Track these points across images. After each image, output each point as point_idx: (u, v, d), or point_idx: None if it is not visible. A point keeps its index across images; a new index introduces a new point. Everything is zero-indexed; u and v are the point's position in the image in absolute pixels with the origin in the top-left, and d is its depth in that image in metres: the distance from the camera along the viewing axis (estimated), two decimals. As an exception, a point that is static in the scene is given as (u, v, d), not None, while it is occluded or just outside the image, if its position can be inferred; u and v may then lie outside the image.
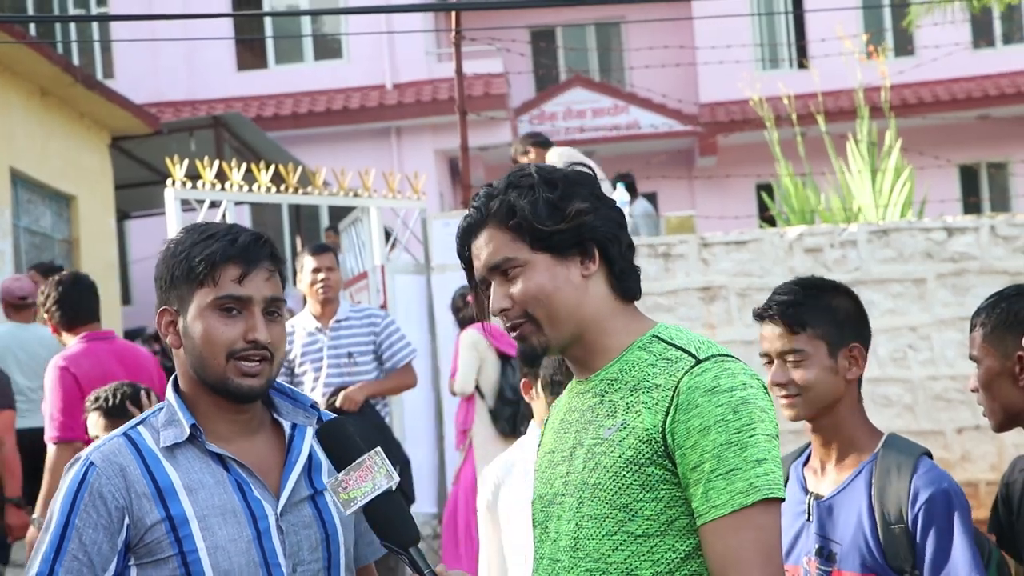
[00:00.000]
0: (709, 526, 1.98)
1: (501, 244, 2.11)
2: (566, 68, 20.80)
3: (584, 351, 2.15)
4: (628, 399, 2.07)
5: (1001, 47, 19.70)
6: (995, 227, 8.41)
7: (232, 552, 2.18)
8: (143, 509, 2.17)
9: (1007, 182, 19.55)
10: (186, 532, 2.17)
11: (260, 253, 2.25)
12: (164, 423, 2.25)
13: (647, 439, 2.02)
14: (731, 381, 2.01)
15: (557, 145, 8.89)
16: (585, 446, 2.11)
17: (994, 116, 18.75)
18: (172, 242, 2.29)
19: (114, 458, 2.20)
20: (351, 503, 2.12)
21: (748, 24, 18.73)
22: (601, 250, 2.13)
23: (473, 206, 2.16)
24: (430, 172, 16.28)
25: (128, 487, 2.18)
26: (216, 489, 2.21)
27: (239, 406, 2.26)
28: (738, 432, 1.98)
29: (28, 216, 12.40)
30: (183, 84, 18.13)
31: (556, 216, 2.10)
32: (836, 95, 15.97)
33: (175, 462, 2.21)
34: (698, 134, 19.34)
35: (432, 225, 8.75)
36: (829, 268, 8.43)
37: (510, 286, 2.12)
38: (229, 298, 2.22)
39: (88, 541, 2.16)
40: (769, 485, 1.98)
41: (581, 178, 2.16)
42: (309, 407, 2.34)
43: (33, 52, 11.43)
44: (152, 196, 14.39)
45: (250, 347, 2.21)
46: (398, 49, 18.10)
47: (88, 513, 2.17)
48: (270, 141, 14.69)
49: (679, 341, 2.10)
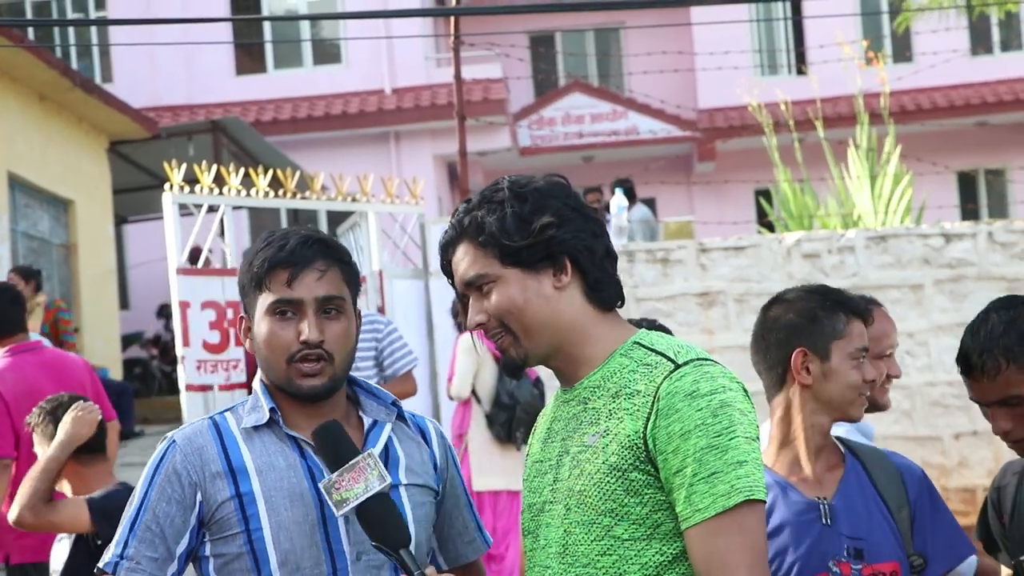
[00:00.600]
0: (693, 530, 2.00)
1: (474, 260, 2.15)
2: (565, 73, 20.80)
3: (565, 361, 2.17)
4: (610, 406, 2.10)
5: (999, 54, 19.72)
6: (993, 233, 8.41)
7: (295, 533, 2.25)
8: (216, 487, 2.27)
9: (1005, 189, 19.56)
10: (253, 511, 2.26)
11: (308, 254, 2.31)
12: (249, 409, 2.36)
13: (629, 445, 2.04)
14: (710, 385, 2.03)
15: (554, 150, 8.88)
16: (571, 454, 2.13)
17: (992, 123, 18.77)
18: (247, 251, 2.43)
19: (194, 439, 2.32)
20: (343, 504, 2.14)
21: (747, 30, 18.75)
22: (573, 261, 2.14)
23: (450, 222, 2.20)
24: (429, 177, 16.28)
25: (203, 466, 2.28)
26: (287, 472, 2.28)
27: (308, 405, 2.33)
28: (718, 435, 2.00)
29: (26, 221, 12.39)
30: (182, 88, 18.13)
31: (523, 231, 2.12)
32: (834, 101, 15.98)
33: (251, 444, 2.31)
34: (697, 140, 19.35)
35: (430, 230, 8.75)
36: (827, 274, 8.43)
37: (485, 300, 2.15)
38: (281, 302, 2.30)
39: (161, 514, 2.27)
40: (750, 487, 1.99)
41: (554, 189, 2.17)
42: (390, 404, 2.41)
43: (31, 56, 11.43)
44: (150, 201, 14.39)
45: (304, 348, 2.29)
46: (397, 54, 18.09)
47: (163, 488, 2.28)
48: (269, 146, 14.69)
49: (659, 346, 2.12)
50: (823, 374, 2.71)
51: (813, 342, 2.72)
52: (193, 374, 7.38)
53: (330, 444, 2.22)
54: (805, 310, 2.76)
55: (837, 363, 2.72)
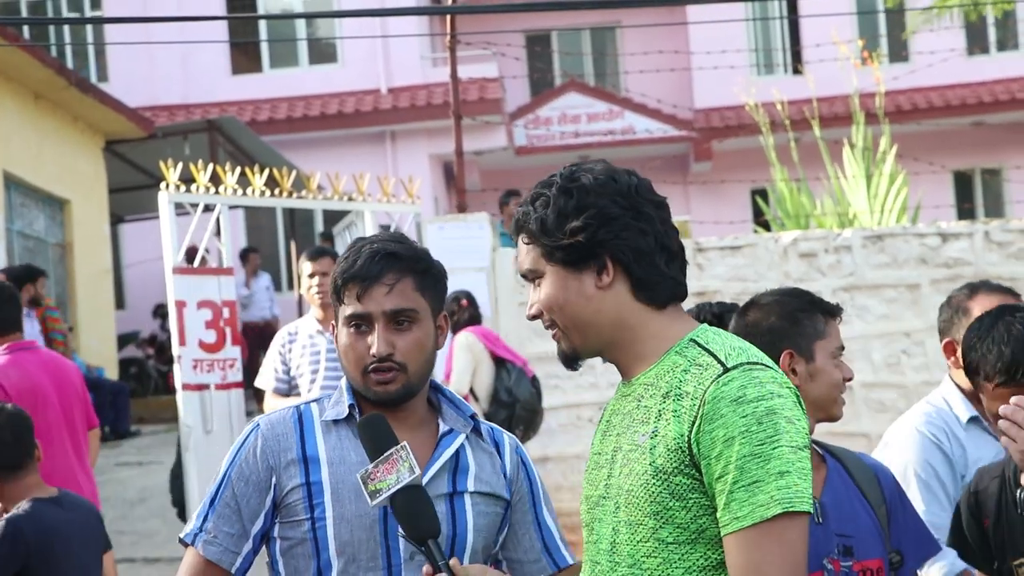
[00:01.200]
0: (731, 537, 1.97)
1: (527, 253, 2.18)
2: (561, 73, 20.79)
3: (620, 356, 2.17)
4: (660, 406, 2.07)
5: (995, 54, 19.73)
6: (989, 233, 8.41)
7: (356, 526, 2.35)
8: (289, 473, 2.39)
9: (1001, 188, 19.58)
10: (319, 500, 2.37)
11: (375, 269, 2.41)
12: (333, 403, 2.47)
13: (675, 448, 2.02)
14: (758, 391, 1.99)
15: (551, 150, 8.90)
16: (623, 451, 2.12)
17: (988, 122, 18.78)
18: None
19: (277, 425, 2.44)
20: (377, 494, 2.22)
21: (743, 29, 18.74)
22: (616, 261, 2.11)
23: (518, 210, 2.22)
24: (425, 176, 16.26)
25: (281, 451, 2.40)
26: (357, 467, 2.34)
27: (393, 407, 2.43)
28: (762, 444, 1.96)
29: (21, 220, 12.38)
30: (177, 88, 18.11)
31: (558, 230, 2.12)
32: (831, 101, 15.98)
33: (328, 436, 2.42)
34: (693, 139, 19.35)
35: (427, 229, 8.74)
36: (824, 273, 8.43)
37: (537, 293, 2.18)
38: (353, 316, 2.42)
39: (239, 492, 2.40)
40: (791, 499, 1.95)
41: (605, 186, 2.13)
42: (468, 416, 2.50)
43: (27, 55, 11.41)
44: (146, 200, 14.36)
45: (376, 361, 2.39)
46: (393, 53, 18.08)
47: (242, 468, 2.41)
48: (264, 145, 14.67)
49: (712, 346, 2.08)
50: (809, 375, 2.73)
51: (798, 344, 2.74)
52: (189, 373, 7.37)
53: (371, 436, 2.29)
54: (785, 313, 2.78)
55: (821, 363, 2.74)
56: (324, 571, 2.35)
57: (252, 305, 14.63)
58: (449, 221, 8.93)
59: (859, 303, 8.42)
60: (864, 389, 8.32)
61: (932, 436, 3.36)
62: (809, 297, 2.85)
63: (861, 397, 8.35)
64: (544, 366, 8.51)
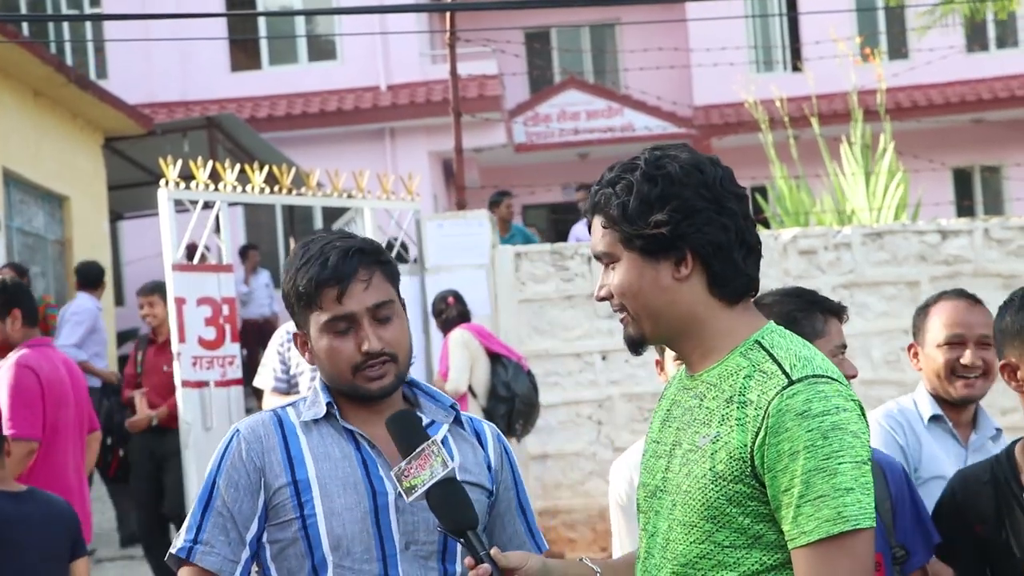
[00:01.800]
0: (800, 552, 1.98)
1: (602, 236, 2.15)
2: (560, 70, 20.79)
3: (687, 348, 2.15)
4: (723, 410, 2.06)
5: (995, 51, 19.72)
6: (989, 230, 8.41)
7: (347, 520, 2.34)
8: (274, 473, 2.37)
9: (1000, 185, 19.58)
10: (307, 497, 2.35)
11: (350, 267, 2.38)
12: (309, 404, 2.45)
13: (737, 457, 2.01)
14: (823, 405, 1.98)
15: (550, 147, 8.91)
16: (683, 448, 2.11)
17: (988, 120, 18.78)
18: (289, 266, 2.46)
19: (257, 428, 2.42)
20: (413, 490, 2.23)
21: (742, 26, 18.73)
22: (695, 255, 2.09)
23: (592, 189, 2.19)
24: (424, 173, 16.26)
25: (264, 452, 2.39)
26: (342, 462, 2.37)
27: (371, 404, 2.43)
28: (827, 458, 1.96)
29: (21, 217, 12.37)
30: (176, 85, 18.09)
31: (642, 220, 2.08)
32: (830, 98, 15.98)
33: (310, 435, 2.41)
34: (692, 136, 19.34)
35: (426, 226, 8.73)
36: (823, 270, 8.43)
37: (610, 276, 2.16)
38: (334, 319, 2.38)
39: (230, 499, 2.37)
40: (857, 515, 1.96)
41: (689, 176, 2.09)
42: (448, 407, 2.50)
43: (26, 52, 11.40)
44: (145, 197, 14.35)
45: (368, 358, 2.38)
46: (392, 50, 18.07)
47: (230, 474, 2.38)
48: (264, 142, 14.66)
49: (778, 353, 2.06)
50: None
51: None
52: (189, 370, 7.37)
53: (403, 433, 2.28)
54: (783, 313, 2.79)
55: None
56: (319, 569, 2.34)
57: (251, 302, 14.64)
58: (448, 218, 8.92)
59: (859, 300, 8.42)
60: (864, 386, 8.32)
61: (888, 428, 3.52)
62: (810, 296, 2.84)
63: (861, 394, 8.33)
64: (543, 363, 8.50)
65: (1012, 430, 4.24)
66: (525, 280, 8.59)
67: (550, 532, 8.56)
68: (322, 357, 2.40)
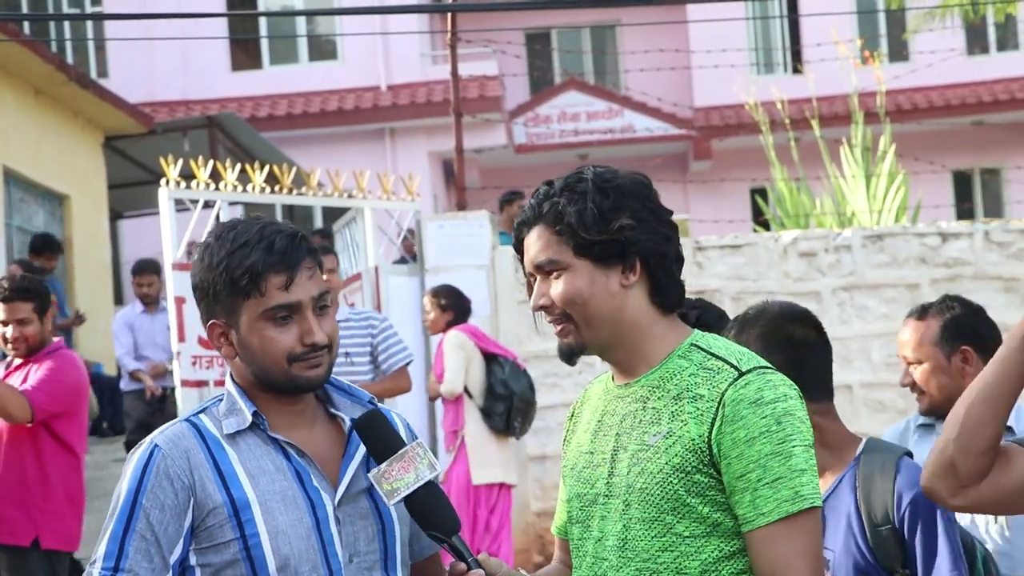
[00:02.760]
0: (757, 533, 2.09)
1: (547, 245, 2.21)
2: (561, 71, 20.78)
3: (624, 355, 2.23)
4: (672, 407, 2.16)
5: (995, 54, 19.73)
6: (989, 233, 8.41)
7: (292, 537, 2.20)
8: (206, 491, 2.18)
9: (1000, 188, 19.58)
10: (248, 516, 2.18)
11: (300, 253, 2.23)
12: (225, 412, 2.26)
13: (693, 448, 2.12)
14: (773, 393, 2.11)
15: (550, 148, 8.91)
16: (629, 451, 2.19)
17: (988, 122, 18.78)
18: (205, 251, 2.25)
19: (179, 441, 2.22)
20: (394, 493, 2.18)
21: (743, 28, 18.73)
22: (643, 263, 2.19)
23: (530, 202, 2.25)
24: (424, 174, 16.25)
25: (192, 469, 2.19)
26: (276, 476, 2.22)
27: (295, 398, 2.28)
28: (782, 442, 2.08)
29: (21, 215, 12.37)
30: (177, 84, 18.09)
31: (601, 226, 2.17)
32: (830, 100, 15.98)
33: (237, 448, 2.23)
34: (692, 138, 19.34)
35: (427, 227, 8.73)
36: (824, 272, 8.44)
37: (551, 286, 2.21)
38: (279, 308, 2.21)
39: (155, 521, 2.17)
40: (811, 495, 2.09)
41: (637, 188, 2.21)
42: (367, 402, 2.35)
43: (27, 51, 11.40)
44: (145, 196, 14.35)
45: (309, 349, 2.22)
46: (393, 51, 18.07)
47: (155, 494, 2.18)
48: (264, 142, 14.66)
49: (719, 351, 2.19)
50: None
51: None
52: (188, 370, 7.37)
53: (375, 435, 2.23)
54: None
55: None
56: None
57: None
58: (449, 219, 8.92)
59: (859, 303, 8.42)
60: (863, 389, 8.33)
61: (888, 437, 3.78)
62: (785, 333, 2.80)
63: (860, 397, 8.36)
64: (542, 364, 8.50)
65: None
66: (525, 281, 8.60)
67: (548, 534, 8.56)
68: (255, 347, 2.21)
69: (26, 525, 5.41)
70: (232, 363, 2.29)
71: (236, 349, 2.25)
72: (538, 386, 8.44)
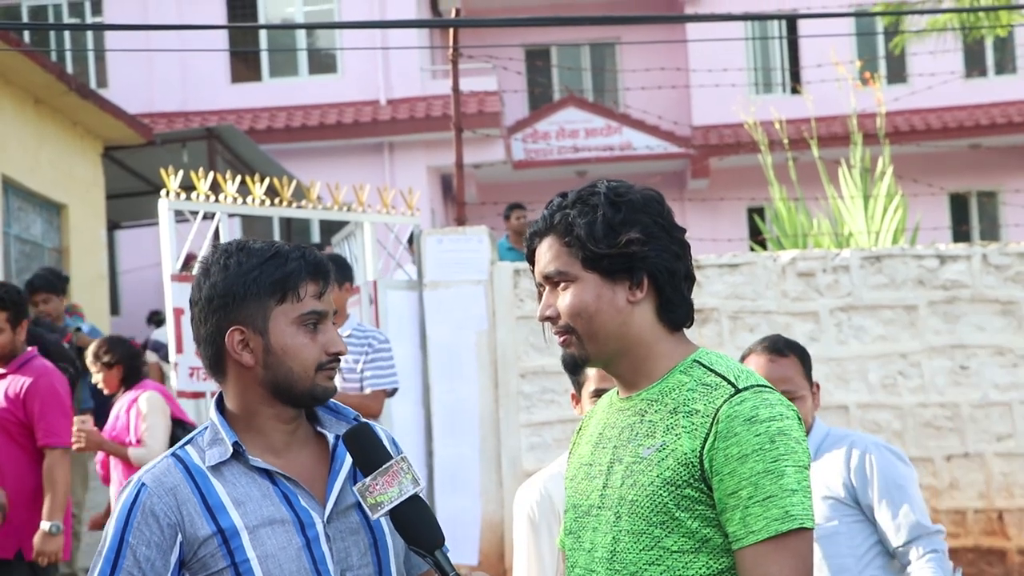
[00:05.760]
0: (747, 551, 2.07)
1: (556, 256, 2.20)
2: (560, 87, 20.82)
3: (627, 369, 2.23)
4: (668, 421, 2.15)
5: (993, 77, 19.80)
6: (987, 256, 8.43)
7: (283, 560, 2.23)
8: (195, 525, 2.23)
9: (997, 211, 19.63)
10: (237, 543, 2.23)
11: (328, 269, 2.34)
12: (209, 442, 2.30)
13: (685, 462, 2.10)
14: (769, 412, 2.09)
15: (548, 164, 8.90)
16: (624, 463, 2.18)
17: (985, 145, 18.83)
18: (228, 259, 2.30)
19: (164, 478, 2.27)
20: (378, 507, 2.18)
21: (742, 48, 18.79)
22: (651, 279, 2.18)
23: (543, 213, 2.25)
24: (422, 188, 16.27)
25: (179, 505, 2.24)
26: (263, 501, 2.26)
27: (295, 412, 2.32)
28: (775, 461, 2.06)
29: (19, 224, 12.36)
30: (177, 95, 18.11)
31: (610, 240, 2.16)
32: (829, 121, 16.03)
33: (222, 478, 2.27)
34: (691, 156, 19.38)
35: (426, 241, 8.74)
36: (821, 293, 8.44)
37: (558, 297, 2.21)
38: (313, 314, 2.29)
39: (142, 558, 2.22)
40: (802, 515, 2.06)
41: (648, 204, 2.21)
42: (352, 419, 2.38)
43: (27, 60, 11.41)
44: (143, 207, 14.37)
45: (332, 359, 2.30)
46: (392, 65, 18.11)
47: (141, 531, 2.23)
48: (263, 154, 14.68)
49: (718, 367, 2.18)
50: None
51: None
52: (186, 381, 7.36)
53: (362, 448, 2.24)
54: None
55: None
56: None
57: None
58: (448, 234, 8.92)
59: (856, 323, 8.43)
60: (860, 410, 8.33)
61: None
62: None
63: (857, 417, 8.36)
64: (540, 380, 8.50)
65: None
66: (524, 297, 8.58)
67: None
68: (286, 352, 2.27)
69: (9, 537, 5.40)
70: (239, 379, 2.31)
71: (257, 356, 2.28)
72: (535, 402, 8.43)
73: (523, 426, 8.42)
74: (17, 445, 5.41)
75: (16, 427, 5.41)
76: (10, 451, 5.41)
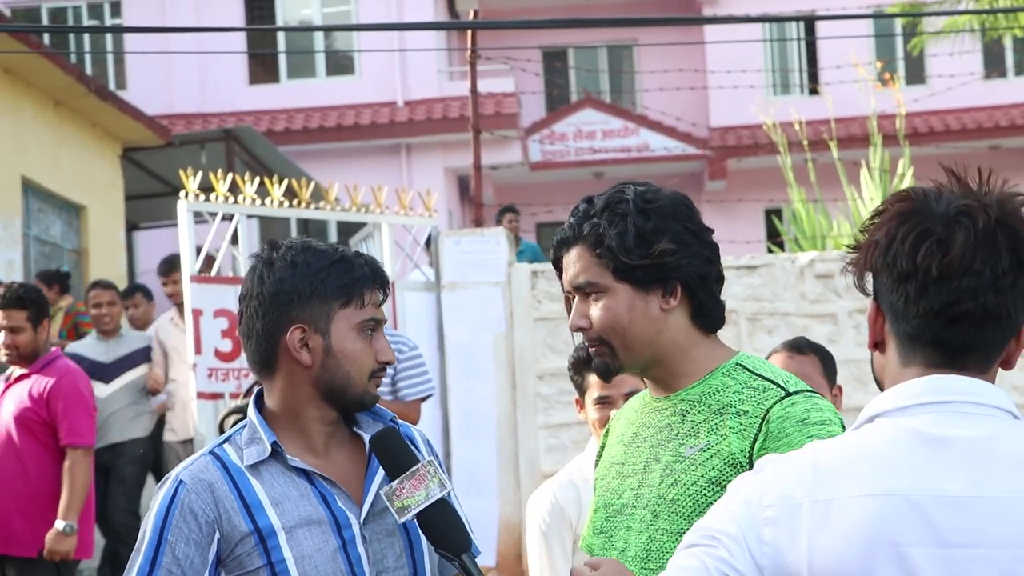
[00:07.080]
0: None
1: (586, 266, 2.18)
2: (578, 89, 20.82)
3: (663, 373, 2.21)
4: (712, 421, 2.13)
5: (1012, 78, 19.72)
6: (1007, 257, 8.39)
7: (319, 561, 2.23)
8: (232, 523, 2.23)
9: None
10: (274, 543, 2.23)
11: (388, 280, 2.39)
12: (247, 441, 2.31)
13: (732, 462, 2.09)
14: (820, 416, 2.09)
15: (566, 166, 8.89)
16: (662, 462, 2.16)
17: (1005, 147, 18.76)
18: (296, 258, 2.30)
19: (202, 475, 2.26)
20: (405, 511, 2.17)
21: (760, 49, 18.75)
22: (684, 286, 2.17)
23: (569, 221, 2.21)
24: (439, 190, 16.25)
25: (217, 503, 2.24)
26: (301, 501, 2.26)
27: (336, 416, 2.33)
28: None
29: (38, 225, 12.41)
30: (195, 97, 18.17)
31: (642, 250, 2.14)
32: (848, 122, 15.98)
33: (260, 478, 2.27)
34: (708, 158, 19.35)
35: (443, 243, 8.74)
36: (840, 295, 8.42)
37: (590, 307, 2.18)
38: (372, 321, 2.32)
39: (181, 555, 2.22)
40: None
41: (678, 210, 2.20)
42: (389, 420, 2.39)
43: (47, 62, 11.45)
44: (161, 208, 14.39)
45: (381, 367, 2.32)
46: (410, 66, 18.13)
47: (180, 528, 2.22)
48: (280, 155, 14.70)
49: (765, 372, 2.17)
50: None
51: None
52: (204, 382, 7.37)
53: (388, 452, 2.24)
54: None
55: None
56: None
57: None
58: (466, 235, 8.92)
59: (875, 325, 8.40)
60: (878, 411, 8.30)
61: None
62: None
63: (875, 419, 8.34)
64: (557, 382, 8.49)
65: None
66: (541, 298, 8.58)
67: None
68: (346, 355, 2.28)
69: (32, 536, 5.43)
70: (285, 378, 2.31)
71: (316, 356, 2.29)
72: (552, 404, 8.42)
73: (541, 428, 8.41)
74: (41, 444, 5.45)
75: (40, 426, 5.45)
76: (34, 450, 5.45)
